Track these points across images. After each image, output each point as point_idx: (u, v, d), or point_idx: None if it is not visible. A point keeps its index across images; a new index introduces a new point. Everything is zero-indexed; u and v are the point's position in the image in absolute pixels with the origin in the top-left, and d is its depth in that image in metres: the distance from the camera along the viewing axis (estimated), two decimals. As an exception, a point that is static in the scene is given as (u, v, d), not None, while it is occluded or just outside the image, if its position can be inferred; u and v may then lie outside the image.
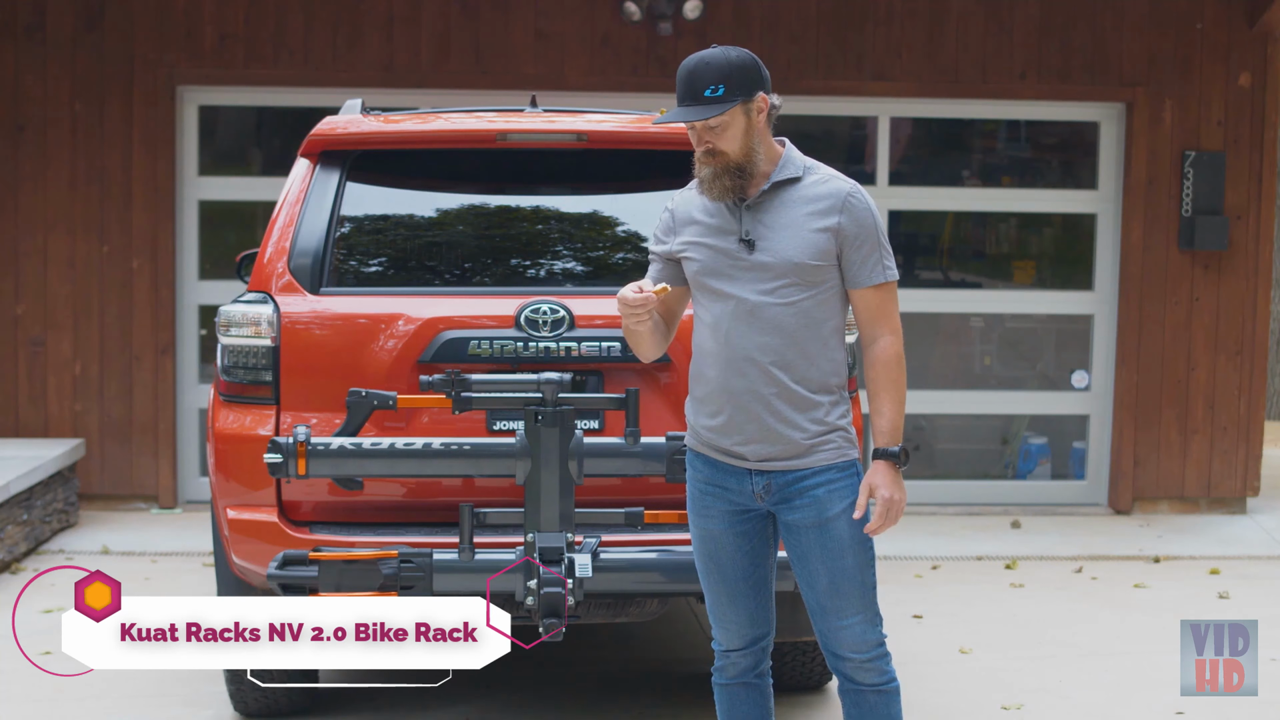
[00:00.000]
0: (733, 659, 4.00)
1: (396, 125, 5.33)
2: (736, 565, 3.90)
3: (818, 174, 3.81)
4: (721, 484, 3.86)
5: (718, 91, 3.68)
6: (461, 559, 4.45)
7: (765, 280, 3.74)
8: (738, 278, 3.76)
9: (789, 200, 3.76)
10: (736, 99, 3.69)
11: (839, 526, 3.76)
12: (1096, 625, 6.78)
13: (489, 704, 5.59)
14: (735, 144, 3.72)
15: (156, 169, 8.68)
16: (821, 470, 3.77)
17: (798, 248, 3.72)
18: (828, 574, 3.78)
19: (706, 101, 3.68)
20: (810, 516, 3.77)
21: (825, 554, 3.77)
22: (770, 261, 3.73)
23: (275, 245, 4.99)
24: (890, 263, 3.80)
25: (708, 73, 3.69)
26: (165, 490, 8.75)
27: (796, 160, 3.81)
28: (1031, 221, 9.64)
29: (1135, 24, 8.98)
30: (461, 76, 8.77)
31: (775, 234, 3.74)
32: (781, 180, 3.77)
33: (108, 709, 5.50)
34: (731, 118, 3.71)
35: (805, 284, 3.74)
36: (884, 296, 3.79)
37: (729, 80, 3.68)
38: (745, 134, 3.73)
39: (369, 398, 4.58)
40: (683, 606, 6.58)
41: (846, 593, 3.78)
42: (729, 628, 3.97)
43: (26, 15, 8.62)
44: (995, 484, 9.33)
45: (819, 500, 3.76)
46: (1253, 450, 9.09)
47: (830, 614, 3.80)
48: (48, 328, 8.70)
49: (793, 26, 8.85)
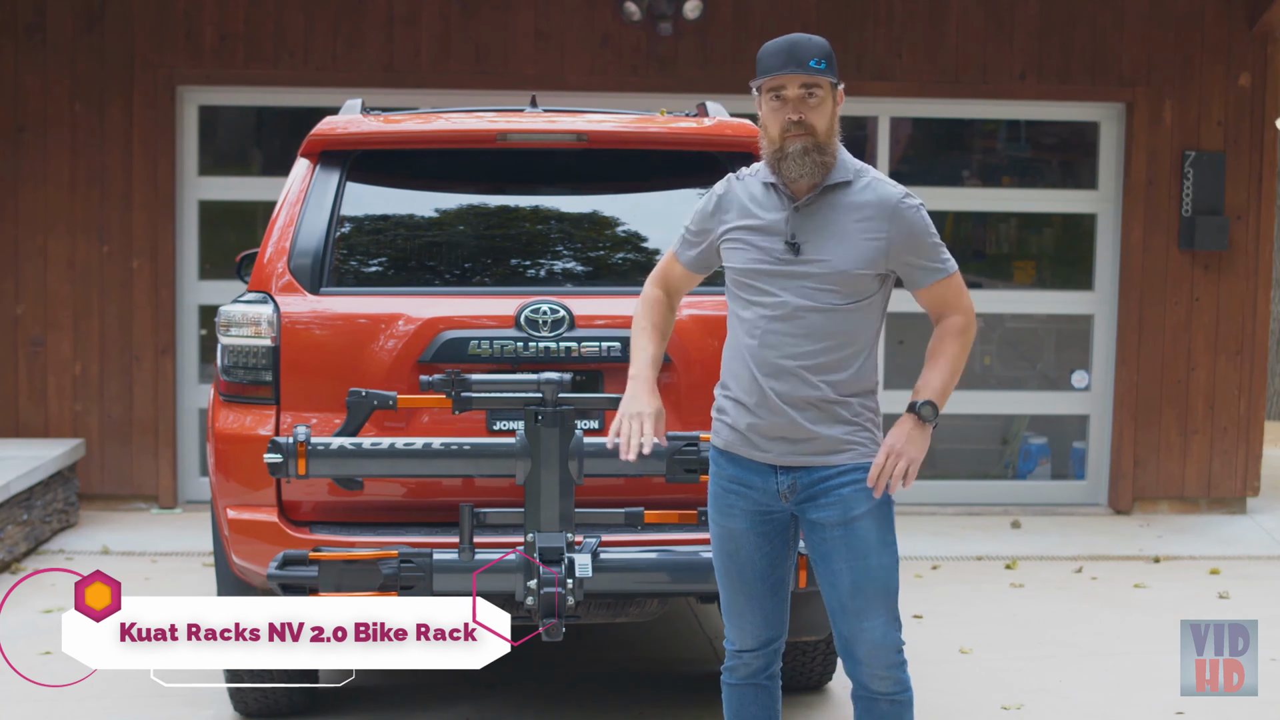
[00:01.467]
0: (745, 659, 3.98)
1: (396, 125, 5.33)
2: (755, 566, 3.88)
3: (866, 178, 3.79)
4: (746, 482, 3.84)
5: (820, 65, 3.72)
6: (461, 559, 4.45)
7: (809, 285, 3.73)
8: (781, 280, 3.75)
9: (839, 205, 3.75)
10: (834, 77, 3.75)
11: (864, 526, 3.75)
12: (1096, 625, 6.78)
13: (489, 704, 5.59)
14: (825, 121, 3.73)
15: (156, 169, 8.68)
16: (848, 470, 3.76)
17: (845, 256, 3.72)
18: (850, 574, 3.76)
19: (811, 71, 3.72)
20: (835, 515, 3.75)
21: (849, 554, 3.75)
22: (816, 269, 3.72)
23: (275, 245, 4.98)
24: (945, 258, 3.80)
25: (811, 46, 3.74)
26: (165, 490, 8.75)
27: (847, 164, 3.80)
28: (1031, 221, 9.65)
29: (1135, 24, 8.98)
30: (461, 76, 8.77)
31: (823, 240, 3.73)
32: (832, 184, 3.76)
33: (108, 709, 5.50)
34: (827, 93, 3.74)
35: (849, 292, 3.73)
36: (944, 290, 3.81)
37: (829, 59, 3.75)
38: (831, 116, 3.75)
39: (369, 398, 4.58)
40: (683, 606, 6.58)
41: (869, 594, 3.75)
42: (744, 628, 3.95)
43: (26, 15, 8.62)
44: (995, 484, 9.33)
45: (844, 499, 3.74)
46: (1253, 450, 9.09)
47: (851, 614, 3.77)
48: (48, 328, 8.70)
49: (793, 27, 8.83)
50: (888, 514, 3.80)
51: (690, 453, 4.45)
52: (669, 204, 5.38)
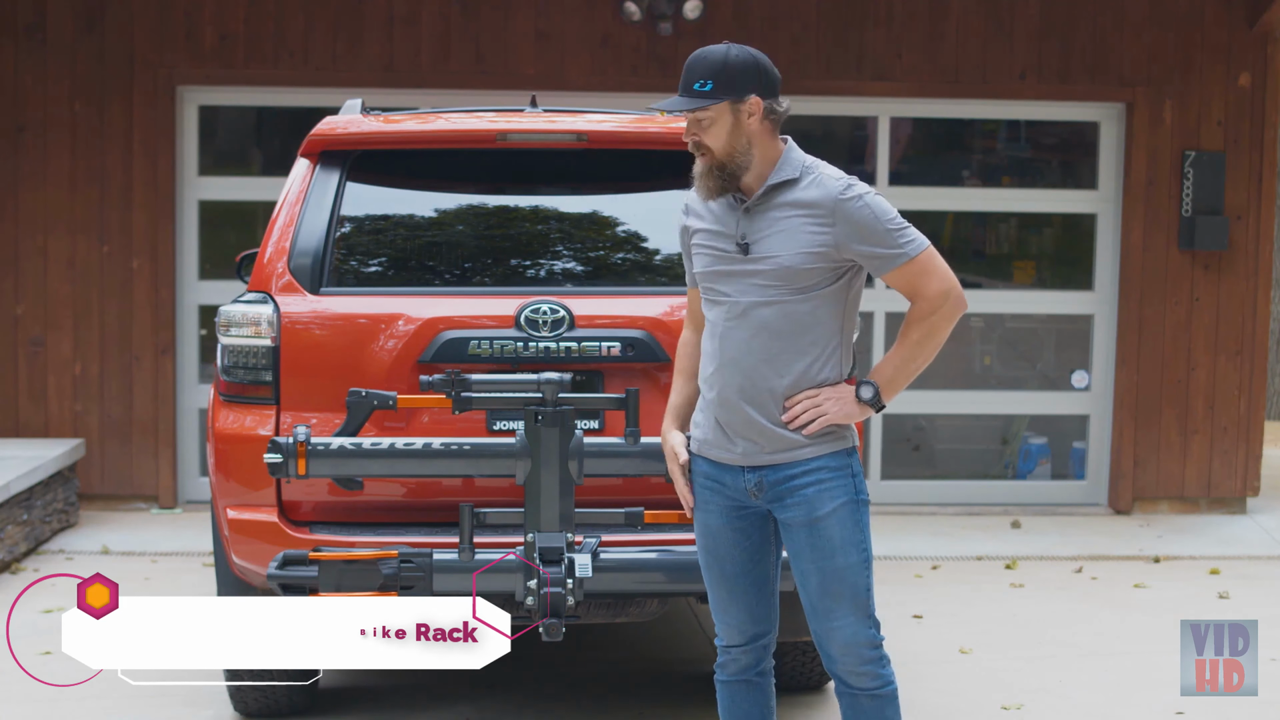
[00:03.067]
0: (733, 655, 4.00)
1: (396, 125, 5.33)
2: (735, 561, 3.90)
3: (814, 174, 3.78)
4: (719, 479, 3.86)
5: (705, 87, 3.70)
6: (461, 559, 4.45)
7: (758, 283, 3.74)
8: (733, 280, 3.77)
9: (784, 203, 3.75)
10: (723, 97, 3.70)
11: (829, 526, 3.76)
12: (1096, 625, 6.78)
13: (489, 704, 5.59)
14: (719, 142, 3.72)
15: (156, 169, 8.68)
16: (813, 469, 3.76)
17: (789, 252, 3.72)
18: (818, 574, 3.78)
19: (694, 95, 3.71)
20: (800, 515, 3.77)
21: (815, 553, 3.77)
22: (764, 266, 3.73)
23: (275, 245, 4.98)
24: (904, 242, 3.71)
25: (699, 67, 3.72)
26: (165, 490, 8.75)
27: (795, 161, 3.79)
28: (1031, 221, 9.64)
29: (1135, 24, 8.98)
30: (461, 76, 8.77)
31: (769, 238, 3.74)
32: (777, 183, 3.76)
33: (108, 709, 5.50)
34: (717, 114, 3.71)
35: (797, 288, 3.73)
36: (910, 273, 3.74)
37: (718, 77, 3.69)
38: (731, 134, 3.72)
39: (369, 398, 4.58)
40: (683, 606, 6.58)
41: (836, 593, 3.77)
42: (729, 623, 3.97)
43: (26, 15, 8.62)
44: (995, 484, 9.32)
45: (808, 499, 3.76)
46: (1253, 450, 9.09)
47: (821, 614, 3.80)
48: (48, 328, 8.70)
49: (793, 27, 8.85)
50: (855, 512, 3.78)
51: (690, 452, 4.45)
52: (669, 204, 5.36)
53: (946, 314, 3.77)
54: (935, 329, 3.77)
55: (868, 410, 3.78)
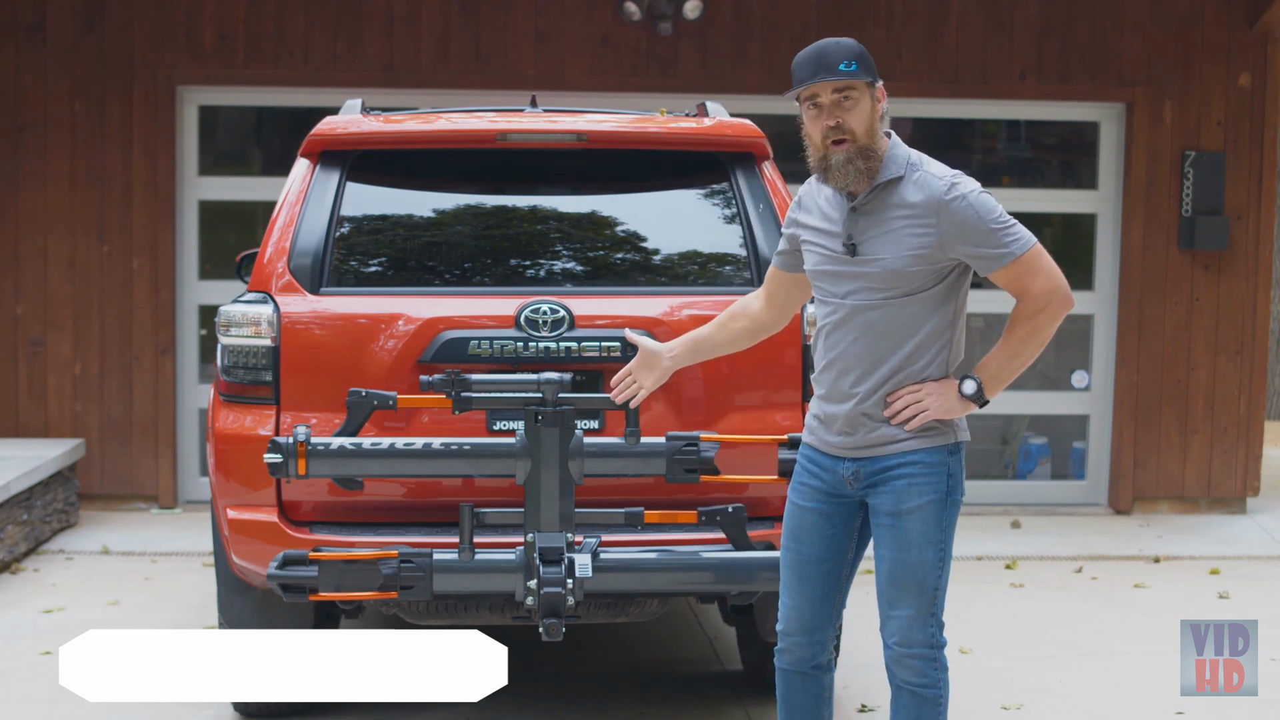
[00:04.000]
0: (790, 643, 3.99)
1: (396, 125, 5.33)
2: (814, 545, 3.92)
3: (918, 171, 3.79)
4: (819, 464, 3.92)
5: (851, 66, 3.73)
6: (461, 559, 4.45)
7: (864, 285, 3.77)
8: (841, 281, 3.81)
9: (890, 203, 3.76)
10: (867, 77, 3.75)
11: (911, 521, 3.78)
12: (1096, 625, 6.78)
13: (489, 704, 5.58)
14: (863, 123, 3.75)
15: (156, 169, 8.68)
16: (908, 463, 3.79)
17: (894, 255, 3.73)
18: (889, 562, 3.81)
19: (841, 74, 3.72)
20: (887, 504, 3.80)
21: (893, 543, 3.80)
22: (870, 269, 3.76)
23: (275, 245, 4.98)
24: (1009, 240, 3.74)
25: (840, 50, 3.75)
26: (165, 490, 8.75)
27: (900, 158, 3.80)
28: (1031, 221, 9.50)
29: (1135, 24, 8.98)
30: (461, 76, 8.77)
31: (875, 240, 3.76)
32: (883, 182, 3.77)
33: (108, 709, 5.50)
34: (861, 94, 3.76)
35: (902, 289, 3.75)
36: (1016, 272, 3.78)
37: (861, 59, 3.75)
38: (871, 116, 3.76)
39: (369, 398, 4.57)
40: (683, 606, 6.58)
41: (904, 585, 3.79)
42: (789, 604, 3.98)
43: (26, 15, 8.62)
44: (995, 484, 9.33)
45: (897, 491, 3.79)
46: (1253, 450, 9.09)
47: (885, 601, 3.83)
48: (48, 328, 8.70)
49: (793, 27, 8.85)
50: (941, 511, 3.80)
51: (690, 453, 4.45)
52: (669, 204, 5.38)
53: (1052, 312, 3.81)
54: (1040, 327, 3.83)
55: (970, 405, 3.82)
